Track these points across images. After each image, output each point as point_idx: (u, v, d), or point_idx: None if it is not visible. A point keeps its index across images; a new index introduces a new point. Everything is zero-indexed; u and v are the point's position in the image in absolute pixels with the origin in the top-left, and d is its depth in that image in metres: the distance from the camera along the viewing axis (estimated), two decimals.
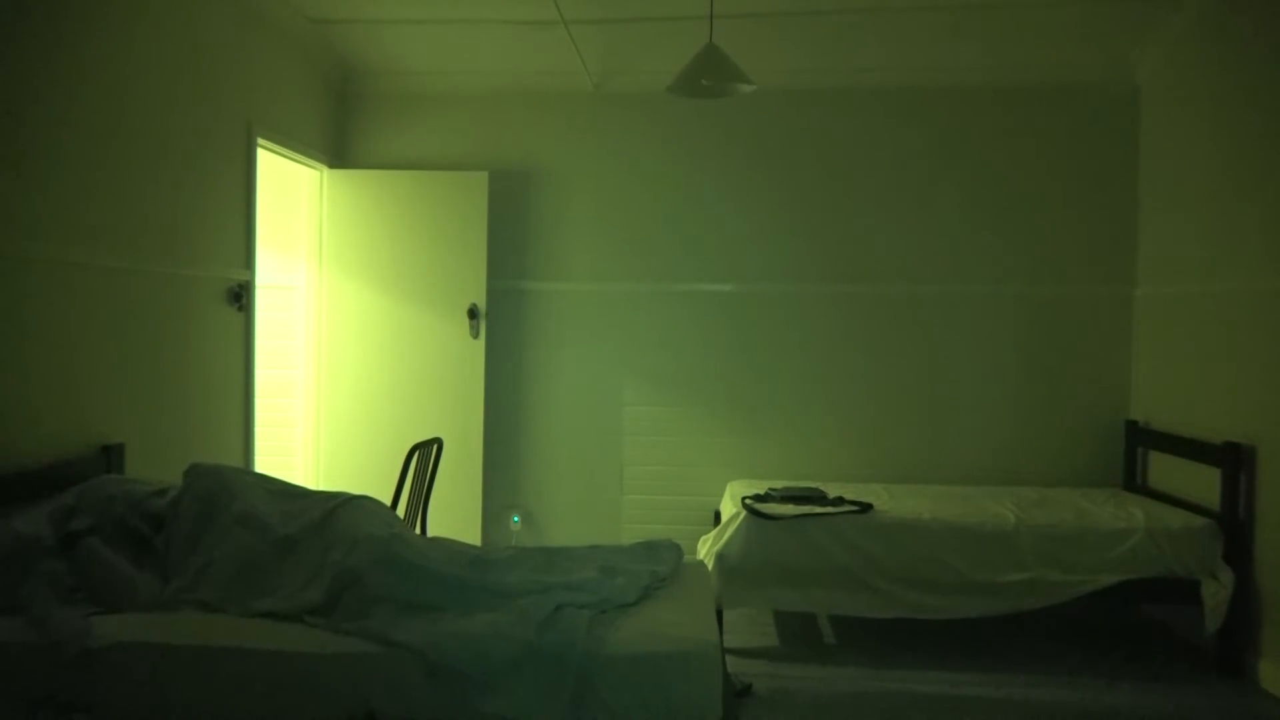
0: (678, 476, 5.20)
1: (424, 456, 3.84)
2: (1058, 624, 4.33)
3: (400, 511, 3.67)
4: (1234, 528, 3.90)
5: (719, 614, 3.59)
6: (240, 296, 4.25)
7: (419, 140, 5.30)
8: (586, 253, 5.24)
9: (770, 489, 4.36)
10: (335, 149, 5.27)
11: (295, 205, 5.19)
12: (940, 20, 4.60)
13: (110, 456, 3.27)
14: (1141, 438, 4.74)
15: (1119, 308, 4.96)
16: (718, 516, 4.45)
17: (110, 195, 3.34)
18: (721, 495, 4.78)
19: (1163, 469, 4.62)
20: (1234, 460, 3.91)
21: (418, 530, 3.89)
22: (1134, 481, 4.80)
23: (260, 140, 4.43)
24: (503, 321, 5.24)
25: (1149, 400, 4.79)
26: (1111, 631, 4.36)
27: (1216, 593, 3.81)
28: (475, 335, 5.09)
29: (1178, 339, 4.53)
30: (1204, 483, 4.10)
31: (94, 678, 2.30)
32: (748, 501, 4.11)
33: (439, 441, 3.98)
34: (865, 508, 4.07)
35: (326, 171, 5.14)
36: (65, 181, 3.11)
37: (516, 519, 5.27)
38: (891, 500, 4.28)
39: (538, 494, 5.28)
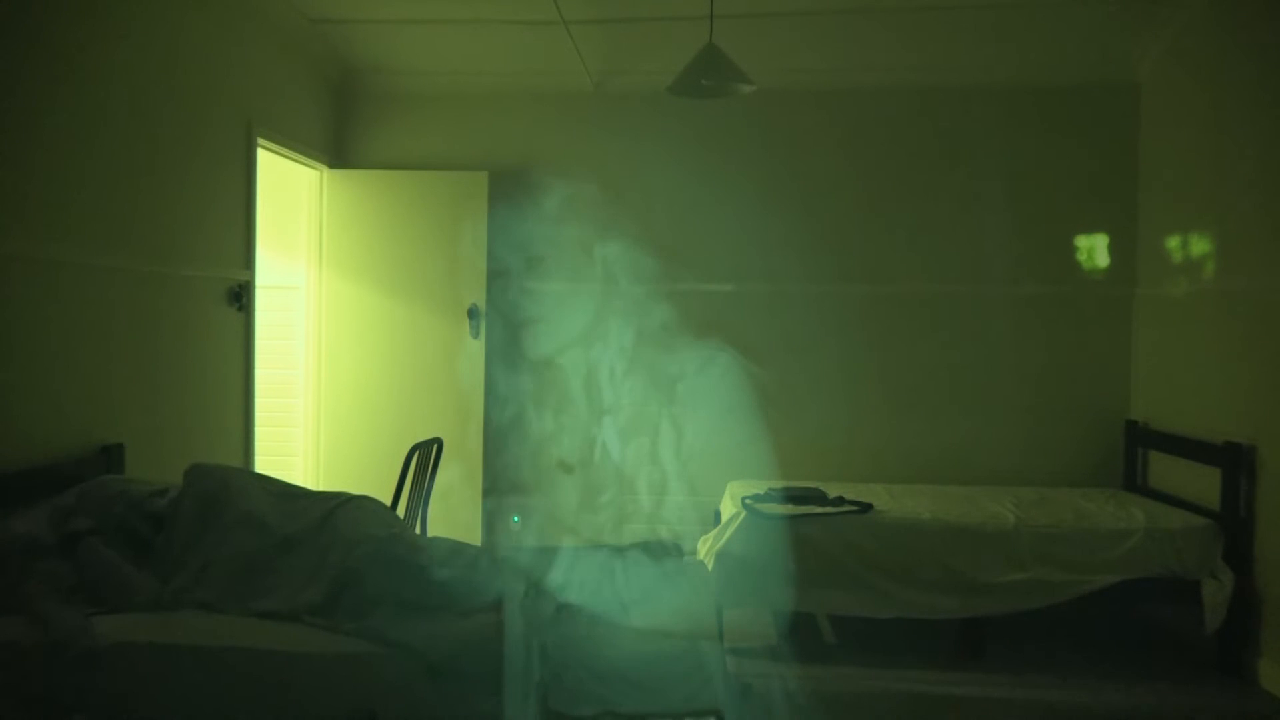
0: (677, 476, 5.20)
1: (424, 456, 3.84)
2: (1058, 624, 4.32)
3: (400, 511, 3.67)
4: (1234, 528, 3.90)
5: (719, 614, 3.59)
6: (240, 296, 4.25)
7: (419, 140, 5.30)
8: (586, 253, 5.23)
9: (770, 489, 4.36)
10: (335, 149, 5.27)
11: (295, 205, 5.19)
12: (939, 20, 4.60)
13: (110, 456, 3.27)
14: (1141, 438, 4.74)
15: (1119, 308, 4.96)
16: (718, 516, 4.45)
17: (110, 196, 3.33)
18: (721, 495, 4.78)
19: (1163, 469, 4.62)
20: (1234, 460, 3.90)
21: (418, 530, 3.89)
22: (1134, 481, 4.80)
23: (260, 140, 4.43)
24: (503, 321, 5.24)
25: (1149, 400, 4.78)
26: (1111, 631, 4.36)
27: (1216, 593, 3.81)
28: (475, 335, 5.09)
29: (1178, 339, 4.52)
30: (1204, 483, 4.10)
31: (94, 678, 2.30)
32: (748, 501, 4.10)
33: (439, 441, 3.97)
34: (865, 508, 4.07)
35: (326, 171, 5.14)
36: (64, 182, 3.11)
37: (516, 519, 5.27)
38: (891, 500, 4.28)
39: (538, 494, 5.27)
